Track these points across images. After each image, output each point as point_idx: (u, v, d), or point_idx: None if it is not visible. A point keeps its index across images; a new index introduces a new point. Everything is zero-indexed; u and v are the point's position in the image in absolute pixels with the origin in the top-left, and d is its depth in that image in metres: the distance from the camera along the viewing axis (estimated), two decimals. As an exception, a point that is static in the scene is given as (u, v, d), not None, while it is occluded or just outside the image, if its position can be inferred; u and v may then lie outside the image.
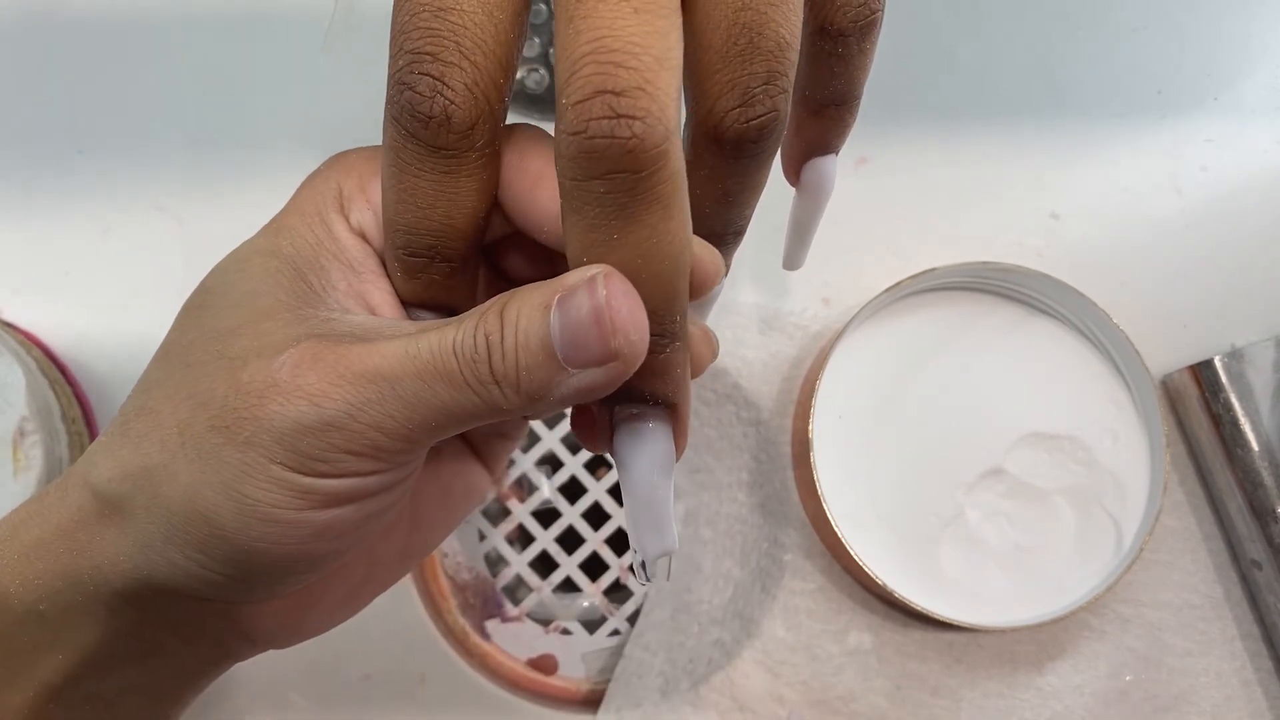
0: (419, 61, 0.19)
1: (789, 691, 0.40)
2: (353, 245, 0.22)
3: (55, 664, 0.22)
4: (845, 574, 0.41)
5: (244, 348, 0.20)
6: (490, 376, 0.19)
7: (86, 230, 0.43)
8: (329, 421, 0.19)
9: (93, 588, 0.21)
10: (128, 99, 0.44)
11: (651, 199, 0.17)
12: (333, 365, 0.19)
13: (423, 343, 0.19)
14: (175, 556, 0.20)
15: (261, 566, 0.21)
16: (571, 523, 0.43)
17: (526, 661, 0.41)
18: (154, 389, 0.21)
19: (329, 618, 0.25)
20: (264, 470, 0.19)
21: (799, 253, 0.31)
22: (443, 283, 0.22)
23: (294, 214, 0.23)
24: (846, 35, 0.22)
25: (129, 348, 0.42)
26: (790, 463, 0.42)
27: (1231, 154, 0.45)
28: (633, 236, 0.18)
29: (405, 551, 0.26)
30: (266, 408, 0.19)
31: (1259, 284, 0.44)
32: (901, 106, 0.45)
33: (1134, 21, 0.46)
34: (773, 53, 0.19)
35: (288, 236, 0.22)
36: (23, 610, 0.21)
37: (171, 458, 0.20)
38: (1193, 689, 0.41)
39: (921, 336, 0.41)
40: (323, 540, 0.21)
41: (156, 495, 0.20)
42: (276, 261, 0.22)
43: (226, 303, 0.21)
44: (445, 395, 0.19)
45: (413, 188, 0.20)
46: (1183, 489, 0.43)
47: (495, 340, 0.19)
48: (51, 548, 0.21)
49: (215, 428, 0.20)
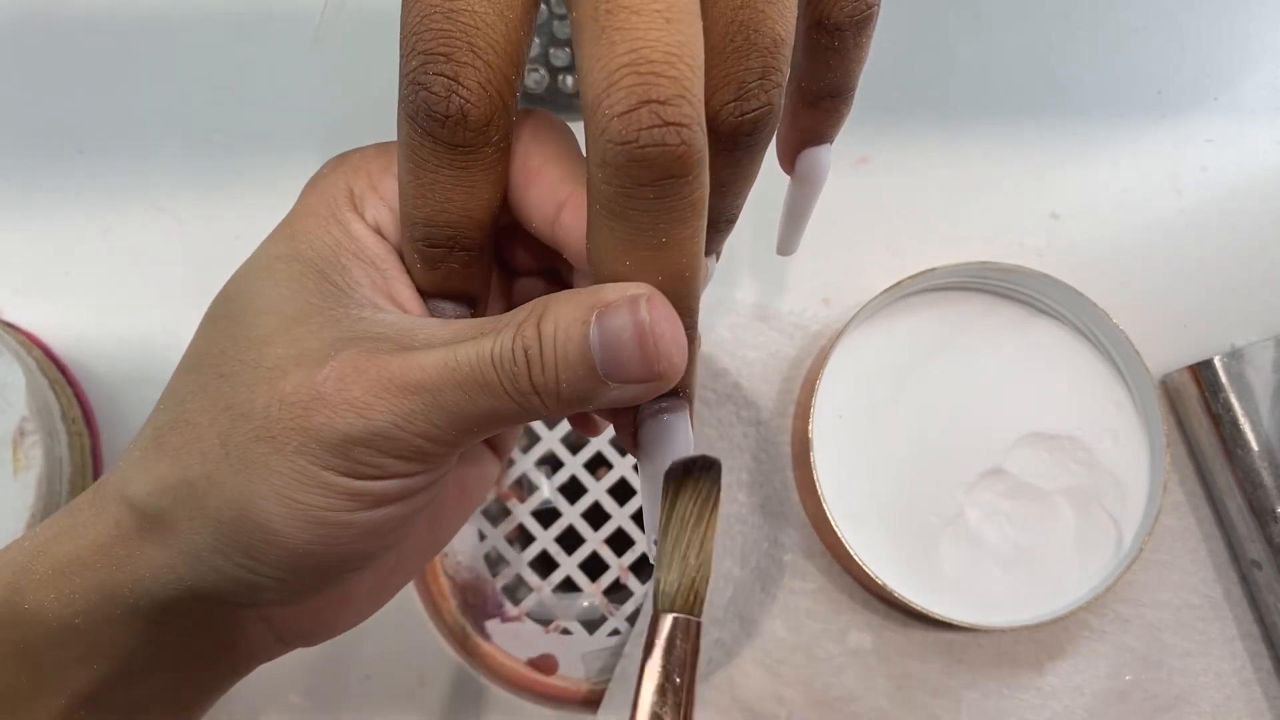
0: (433, 62, 0.19)
1: (789, 691, 0.40)
2: (372, 243, 0.23)
3: (89, 674, 0.22)
4: (845, 574, 0.41)
5: (281, 356, 0.21)
6: (530, 388, 0.19)
7: (86, 230, 0.43)
8: (377, 432, 0.20)
9: (132, 600, 0.21)
10: (128, 99, 0.44)
11: (695, 200, 0.18)
12: (375, 378, 0.20)
13: (461, 354, 0.20)
14: (222, 564, 0.21)
15: (312, 567, 0.21)
16: (571, 523, 0.43)
17: (526, 661, 0.41)
18: (188, 401, 0.21)
19: (359, 612, 0.26)
20: (315, 476, 0.20)
21: (793, 239, 0.31)
22: (461, 272, 0.22)
23: (306, 217, 0.23)
24: (843, 29, 0.22)
25: (129, 348, 0.42)
26: (790, 463, 0.42)
27: (1231, 154, 0.45)
28: (679, 238, 0.19)
29: (429, 542, 0.27)
30: (313, 419, 0.20)
31: (1259, 284, 0.44)
32: (901, 106, 0.45)
33: (1134, 21, 0.46)
34: (768, 49, 0.19)
35: (304, 240, 0.22)
36: (57, 625, 0.21)
37: (215, 469, 0.20)
38: (1193, 689, 0.41)
39: (921, 336, 0.41)
40: (374, 538, 0.21)
41: (202, 507, 0.21)
42: (298, 266, 0.22)
43: (254, 310, 0.22)
44: (485, 404, 0.20)
45: (430, 183, 0.21)
46: (1183, 489, 0.43)
47: (534, 353, 0.19)
48: (89, 563, 0.21)
49: (261, 438, 0.20)
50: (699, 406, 0.42)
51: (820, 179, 0.27)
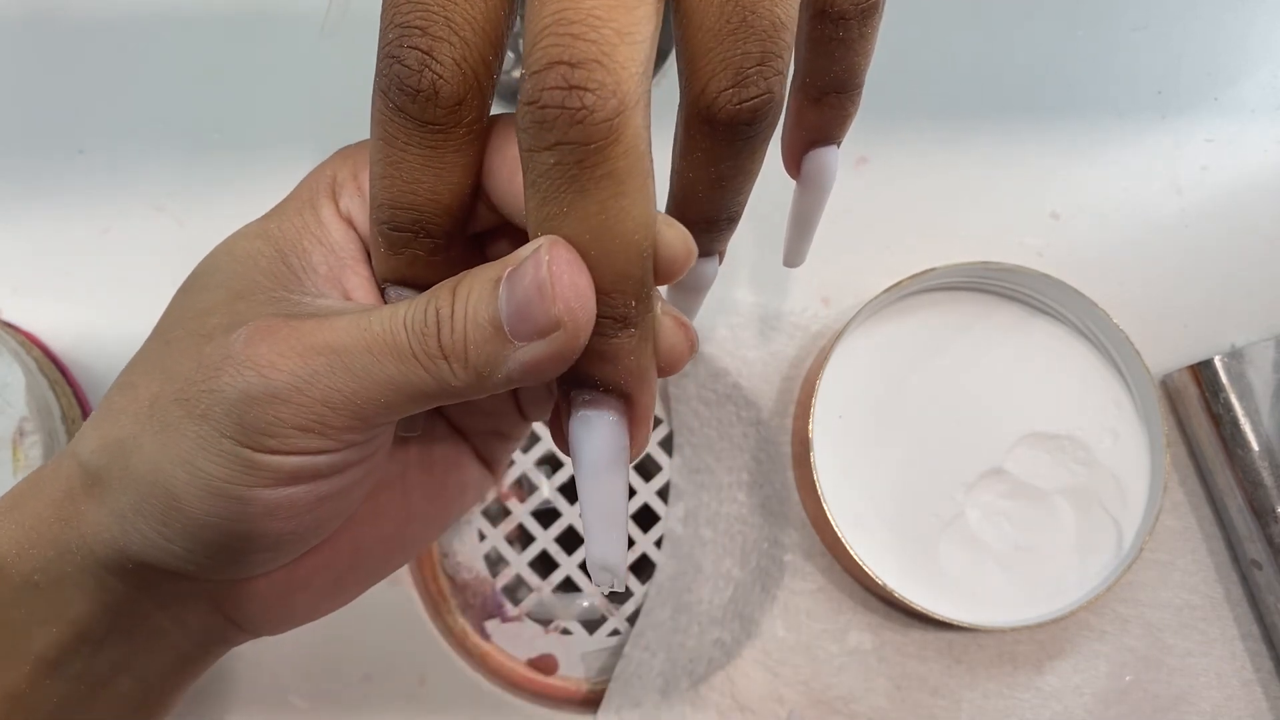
0: (408, 35, 0.19)
1: (789, 691, 0.40)
2: (337, 230, 0.23)
3: (49, 637, 0.22)
4: (845, 574, 0.41)
5: (214, 325, 0.21)
6: (439, 350, 0.19)
7: (86, 230, 0.43)
8: (275, 393, 0.19)
9: (79, 558, 0.21)
10: (128, 99, 0.44)
11: (602, 174, 0.17)
12: (284, 338, 0.20)
13: (374, 317, 0.19)
14: (144, 528, 0.21)
15: (218, 542, 0.21)
16: (571, 523, 0.43)
17: (526, 661, 0.41)
18: (136, 366, 0.22)
19: (316, 605, 0.25)
20: (215, 443, 0.20)
21: (800, 248, 0.30)
22: (425, 259, 0.22)
23: (289, 200, 0.23)
24: (847, 19, 0.22)
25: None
26: (790, 463, 0.42)
27: (1231, 154, 0.45)
28: (580, 211, 0.18)
29: (399, 542, 0.26)
30: (220, 379, 0.20)
31: (1259, 284, 0.44)
32: (901, 106, 0.45)
33: (1134, 21, 0.46)
34: (767, 32, 0.18)
35: (277, 220, 0.23)
36: (19, 580, 0.22)
37: (141, 429, 0.21)
38: (1193, 689, 0.41)
39: (921, 336, 0.41)
40: (275, 519, 0.21)
41: (126, 467, 0.21)
42: (260, 243, 0.22)
43: (209, 284, 0.22)
44: (393, 369, 0.19)
45: (398, 161, 0.20)
46: (1183, 489, 0.43)
47: (445, 314, 0.19)
48: (45, 518, 0.22)
49: (178, 399, 0.20)
50: (699, 406, 0.42)
51: (828, 183, 0.26)
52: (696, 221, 0.22)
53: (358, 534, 0.25)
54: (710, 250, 0.24)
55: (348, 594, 0.26)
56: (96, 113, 0.43)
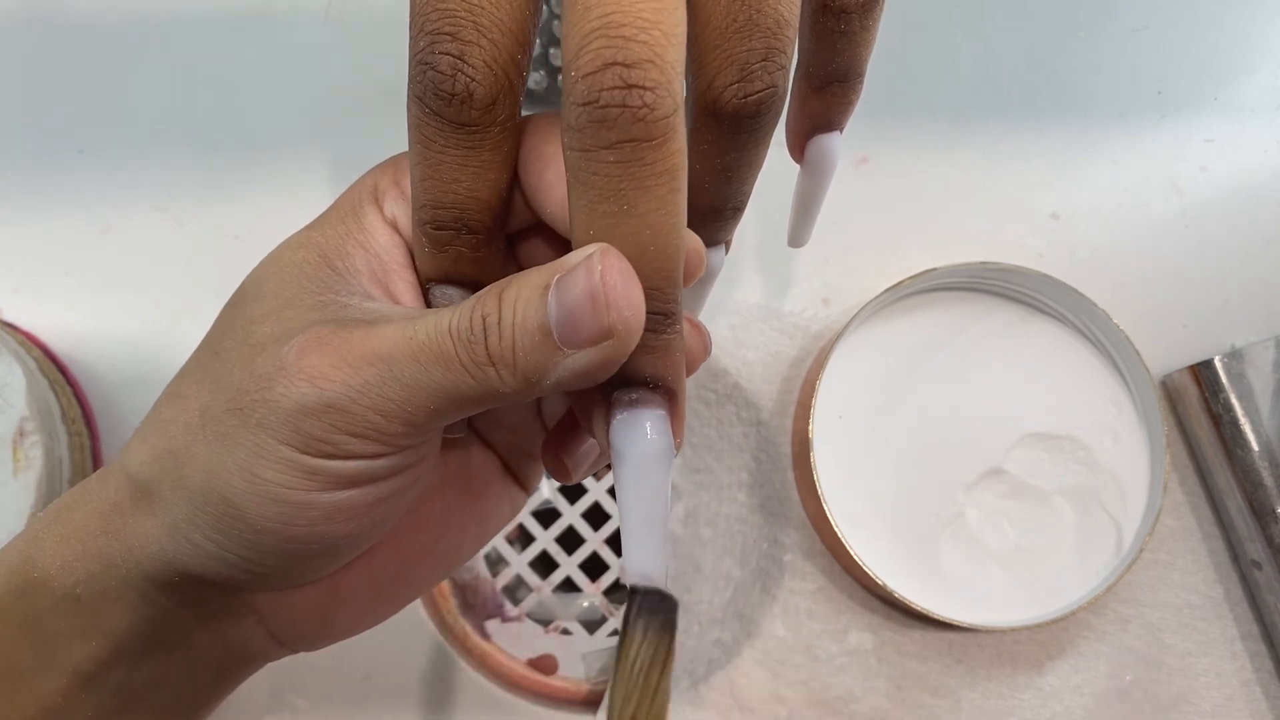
0: (439, 41, 0.19)
1: (789, 691, 0.40)
2: (381, 234, 0.23)
3: (88, 650, 0.22)
4: (845, 574, 0.41)
5: (264, 334, 0.21)
6: (486, 358, 0.19)
7: (86, 230, 0.43)
8: (329, 403, 0.19)
9: (124, 571, 0.21)
10: (128, 99, 0.44)
11: (661, 170, 0.18)
12: (335, 349, 0.20)
13: (420, 325, 0.20)
14: (197, 538, 0.21)
15: (276, 547, 0.21)
16: (571, 523, 0.43)
17: (526, 661, 0.41)
18: (185, 376, 0.22)
19: (358, 619, 0.25)
20: (274, 451, 0.20)
21: (804, 229, 0.31)
22: (470, 255, 0.22)
23: (332, 209, 0.23)
24: (849, 12, 0.22)
25: (129, 348, 0.42)
26: (790, 463, 0.42)
27: (1231, 154, 0.45)
28: (643, 207, 0.18)
29: (437, 555, 0.26)
30: (274, 390, 0.20)
31: (1259, 284, 0.44)
32: (901, 106, 0.45)
33: (1134, 21, 0.46)
34: (771, 29, 0.19)
35: (320, 229, 0.23)
36: (61, 593, 0.22)
37: (193, 439, 0.21)
38: (1193, 689, 0.41)
39: (921, 336, 0.41)
40: (333, 523, 0.21)
41: (180, 477, 0.21)
42: (305, 252, 0.22)
43: (257, 295, 0.22)
44: (441, 377, 0.19)
45: (437, 163, 0.20)
46: (1183, 489, 0.43)
47: (492, 321, 0.19)
48: (91, 531, 0.22)
49: (231, 410, 0.20)
50: (699, 406, 0.42)
51: (831, 167, 0.27)
52: (704, 211, 0.23)
53: (400, 545, 0.25)
54: (717, 240, 0.24)
55: (388, 608, 0.26)
56: (97, 113, 0.43)
